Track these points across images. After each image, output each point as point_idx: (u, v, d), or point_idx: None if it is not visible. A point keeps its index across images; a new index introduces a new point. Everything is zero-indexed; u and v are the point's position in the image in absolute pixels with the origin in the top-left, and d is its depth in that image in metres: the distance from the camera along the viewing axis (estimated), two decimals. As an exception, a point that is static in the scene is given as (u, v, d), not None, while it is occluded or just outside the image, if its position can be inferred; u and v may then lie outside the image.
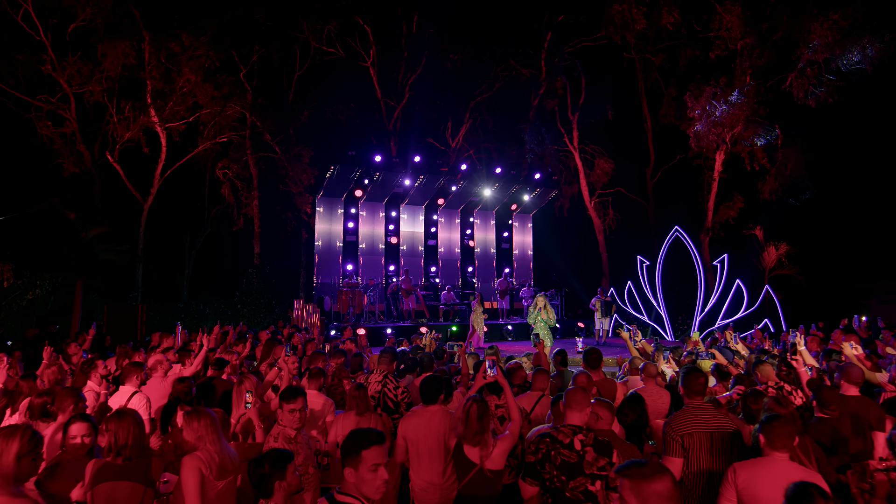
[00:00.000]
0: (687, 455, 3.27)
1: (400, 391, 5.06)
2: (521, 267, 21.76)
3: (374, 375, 5.18)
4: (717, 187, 21.44)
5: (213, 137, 21.67)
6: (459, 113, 24.33)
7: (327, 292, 17.19)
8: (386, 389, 5.06)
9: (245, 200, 23.10)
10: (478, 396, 3.37)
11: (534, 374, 4.79)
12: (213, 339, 7.58)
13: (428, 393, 3.91)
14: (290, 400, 3.65)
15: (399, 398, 5.03)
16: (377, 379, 5.14)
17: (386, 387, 5.08)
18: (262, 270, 22.18)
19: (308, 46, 23.07)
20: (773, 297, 13.97)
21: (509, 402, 3.57)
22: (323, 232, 18.36)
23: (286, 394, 3.69)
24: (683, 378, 3.53)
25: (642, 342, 6.68)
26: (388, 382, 5.10)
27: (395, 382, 5.12)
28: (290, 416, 3.62)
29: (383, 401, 5.01)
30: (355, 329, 11.49)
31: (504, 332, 17.01)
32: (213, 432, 3.04)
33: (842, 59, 15.56)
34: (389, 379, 5.12)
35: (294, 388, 3.78)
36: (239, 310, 21.49)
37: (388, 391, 5.05)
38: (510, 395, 3.61)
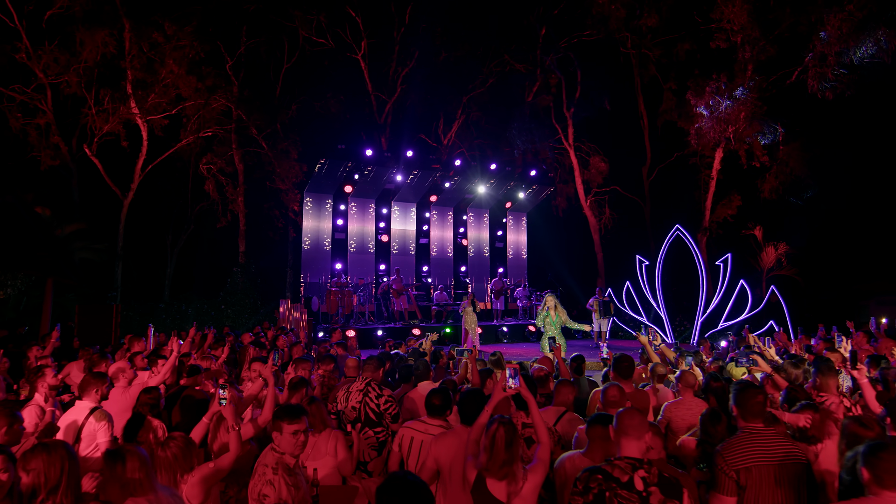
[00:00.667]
0: (742, 493, 2.68)
1: (383, 400, 4.40)
2: (515, 266, 21.19)
3: (357, 384, 4.52)
4: (715, 186, 21.04)
5: (196, 131, 20.84)
6: (452, 109, 23.71)
7: (315, 292, 16.49)
8: (367, 399, 4.40)
9: (230, 197, 22.29)
10: (504, 418, 2.75)
11: (556, 386, 4.17)
12: (189, 342, 6.90)
13: (469, 409, 3.27)
14: (292, 419, 3.00)
15: (382, 408, 4.37)
16: (359, 388, 4.49)
17: (367, 395, 4.42)
18: (247, 269, 21.43)
19: (297, 38, 22.34)
20: (780, 299, 13.50)
21: (537, 421, 2.95)
22: (311, 229, 17.66)
23: (288, 412, 3.05)
24: (738, 395, 2.91)
25: (662, 346, 6.10)
26: (369, 391, 4.44)
27: (378, 391, 4.46)
28: (293, 439, 2.96)
29: (364, 412, 4.35)
30: (344, 330, 10.82)
31: (499, 334, 16.44)
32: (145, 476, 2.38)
33: (855, 51, 15.14)
34: (372, 387, 4.45)
35: (294, 406, 3.15)
36: (223, 310, 20.71)
37: (369, 401, 4.40)
38: (537, 413, 3.00)
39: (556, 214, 23.08)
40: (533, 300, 18.36)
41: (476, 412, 3.25)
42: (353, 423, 4.23)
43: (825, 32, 15.25)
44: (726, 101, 16.63)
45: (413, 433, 3.57)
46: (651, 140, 23.02)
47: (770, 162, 18.72)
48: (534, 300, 18.36)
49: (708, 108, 17.02)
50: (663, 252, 16.34)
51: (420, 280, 19.00)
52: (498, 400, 3.06)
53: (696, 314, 15.46)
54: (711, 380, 4.75)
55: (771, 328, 13.59)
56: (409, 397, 4.86)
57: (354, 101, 22.94)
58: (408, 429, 3.63)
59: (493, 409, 3.03)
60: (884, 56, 14.96)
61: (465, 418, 3.30)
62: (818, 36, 15.66)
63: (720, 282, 14.87)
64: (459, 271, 20.33)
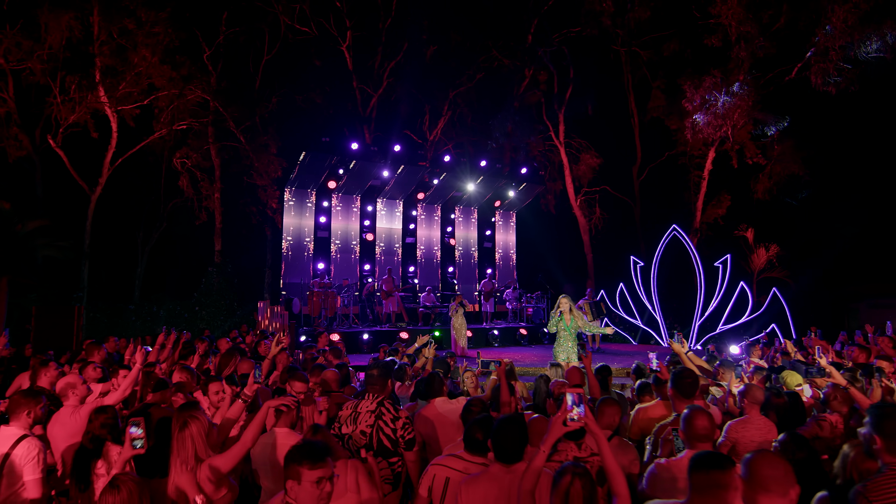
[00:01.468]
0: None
1: (400, 424, 3.61)
2: (503, 267, 20.54)
3: (366, 403, 3.75)
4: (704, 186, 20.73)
5: (170, 124, 19.79)
6: (438, 104, 23.01)
7: (296, 293, 15.59)
8: (381, 422, 3.63)
9: (206, 193, 21.27)
10: (579, 466, 2.05)
11: (598, 405, 3.47)
12: (157, 349, 6.05)
13: (510, 443, 2.55)
14: (314, 462, 2.09)
15: (398, 434, 3.60)
16: (369, 408, 3.71)
17: (381, 418, 3.64)
18: (223, 269, 20.44)
19: (278, 28, 21.44)
20: (782, 301, 13.08)
21: (612, 468, 2.24)
22: (292, 226, 16.75)
23: (308, 453, 2.13)
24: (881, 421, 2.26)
25: (690, 354, 5.46)
26: (383, 412, 3.67)
27: (394, 412, 3.66)
28: (315, 490, 2.08)
29: (377, 439, 3.58)
30: (329, 334, 10.00)
31: (489, 338, 15.73)
32: None
33: (860, 45, 14.86)
34: (386, 408, 3.68)
35: (315, 444, 2.19)
36: (197, 312, 19.72)
37: (383, 424, 3.62)
38: (609, 455, 2.29)
39: (546, 213, 22.52)
40: (523, 302, 17.74)
41: (518, 448, 2.54)
42: (362, 451, 3.47)
43: (829, 26, 14.93)
44: (724, 96, 16.24)
45: (448, 472, 2.83)
46: (641, 139, 22.63)
47: (764, 161, 18.42)
48: (524, 302, 17.75)
49: (706, 102, 16.60)
50: (659, 253, 15.86)
51: (406, 281, 18.23)
52: (557, 437, 2.35)
53: (694, 317, 14.98)
54: (773, 395, 4.12)
55: (773, 332, 13.19)
56: (422, 416, 4.11)
57: (338, 94, 22.11)
58: (440, 466, 2.88)
59: (549, 447, 2.32)
60: (888, 52, 14.70)
61: (503, 454, 2.59)
62: (820, 30, 15.33)
63: (719, 284, 14.41)
64: (447, 272, 19.60)
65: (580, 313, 7.47)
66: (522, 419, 2.72)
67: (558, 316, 7.32)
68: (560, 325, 7.28)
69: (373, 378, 3.81)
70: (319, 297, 14.50)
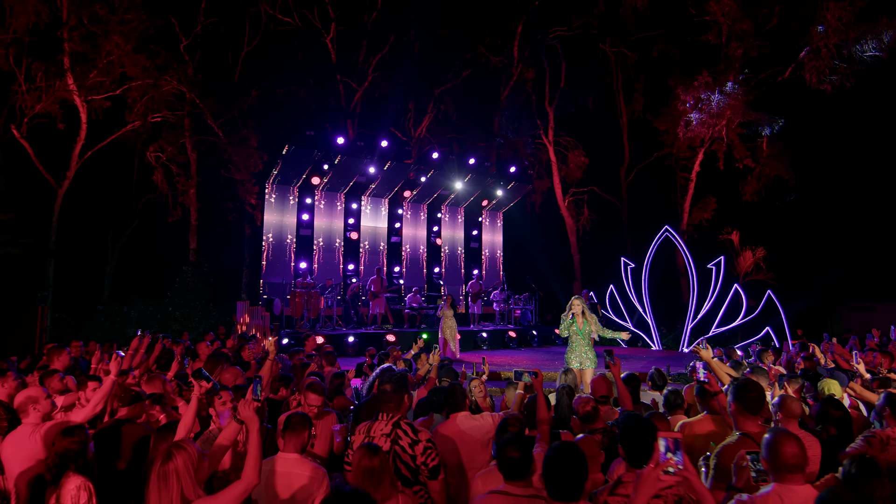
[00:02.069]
0: None
1: (421, 448, 3.11)
2: (490, 268, 20.14)
3: (380, 425, 3.25)
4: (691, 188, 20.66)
5: (144, 116, 18.86)
6: (423, 101, 22.52)
7: (277, 293, 14.93)
8: (398, 447, 3.13)
9: (181, 189, 20.36)
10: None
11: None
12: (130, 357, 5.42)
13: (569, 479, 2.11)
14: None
15: (420, 461, 3.10)
16: (384, 430, 3.21)
17: (398, 442, 3.15)
18: (198, 268, 19.61)
19: (259, 20, 20.67)
20: (777, 304, 12.91)
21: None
22: (273, 224, 16.06)
23: None
24: None
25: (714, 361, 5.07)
26: (400, 435, 3.17)
27: (413, 435, 3.17)
28: None
29: (395, 466, 3.08)
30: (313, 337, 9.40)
31: (478, 340, 15.28)
32: None
33: (855, 44, 14.82)
34: (403, 430, 3.18)
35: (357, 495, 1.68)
36: (170, 312, 18.87)
37: (401, 451, 3.12)
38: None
39: (533, 213, 22.19)
40: (511, 304, 17.36)
41: (579, 484, 2.09)
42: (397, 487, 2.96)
43: (822, 26, 14.87)
44: (717, 95, 16.10)
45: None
46: (630, 140, 22.47)
47: (753, 164, 18.38)
48: (511, 304, 17.37)
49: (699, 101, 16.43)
50: (650, 254, 15.62)
51: (392, 281, 17.67)
52: (650, 496, 1.90)
53: (686, 319, 14.76)
54: (831, 407, 3.73)
55: (768, 335, 13.04)
56: (441, 435, 3.61)
57: (320, 88, 21.43)
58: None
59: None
60: (884, 52, 14.69)
61: (559, 491, 2.11)
62: (814, 28, 15.26)
63: (712, 286, 14.20)
64: (433, 272, 19.10)
65: (594, 316, 7.05)
66: (579, 448, 2.26)
67: (570, 319, 6.89)
68: (572, 328, 6.85)
69: (386, 395, 3.29)
70: (302, 298, 13.85)
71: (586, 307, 7.03)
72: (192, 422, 3.24)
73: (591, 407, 3.56)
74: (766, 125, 17.17)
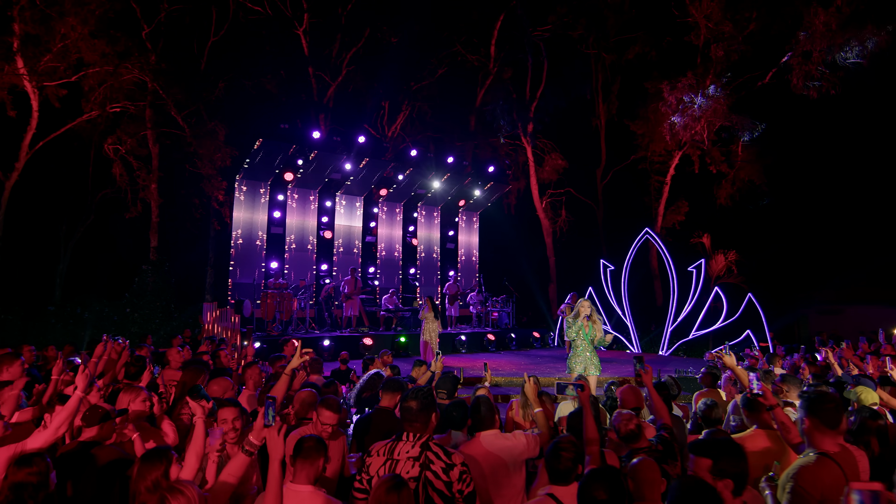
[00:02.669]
0: None
1: (456, 473, 2.66)
2: (466, 269, 19.76)
3: (405, 446, 2.79)
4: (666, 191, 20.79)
5: (102, 105, 17.76)
6: (398, 99, 22.00)
7: (247, 294, 14.19)
8: (431, 473, 2.68)
9: (141, 183, 19.26)
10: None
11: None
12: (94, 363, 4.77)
13: None
14: None
15: (456, 489, 2.65)
16: (410, 454, 2.75)
17: (431, 467, 2.70)
18: (159, 267, 18.52)
19: (227, 8, 19.78)
20: (757, 307, 12.95)
21: None
22: (243, 222, 15.29)
23: None
24: None
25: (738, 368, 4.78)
26: (431, 459, 2.72)
27: (448, 458, 2.71)
28: None
29: (425, 496, 2.62)
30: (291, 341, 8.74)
31: (457, 344, 14.87)
32: None
33: (840, 50, 15.03)
34: (436, 453, 2.73)
35: None
36: (128, 314, 17.74)
37: (433, 477, 2.67)
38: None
39: (509, 214, 21.93)
40: (488, 306, 17.03)
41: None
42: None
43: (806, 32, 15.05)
44: (700, 98, 16.15)
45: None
46: (607, 142, 22.47)
47: (727, 168, 18.58)
48: (489, 306, 17.05)
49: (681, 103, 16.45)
50: (630, 257, 15.53)
51: (367, 283, 17.10)
52: None
53: (666, 322, 14.70)
54: (869, 418, 3.44)
55: (748, 338, 13.06)
56: (466, 457, 3.15)
57: (292, 81, 20.65)
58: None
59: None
60: (866, 59, 14.94)
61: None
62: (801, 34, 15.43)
63: (692, 289, 14.18)
64: (408, 273, 18.60)
65: (600, 320, 6.69)
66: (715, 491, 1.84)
67: (578, 323, 6.51)
68: (580, 333, 6.48)
69: (411, 412, 2.83)
70: (274, 300, 13.18)
71: (594, 311, 6.68)
72: (200, 456, 2.69)
73: (634, 425, 3.17)
74: (747, 130, 17.36)
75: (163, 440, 3.85)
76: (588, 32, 20.01)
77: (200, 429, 2.76)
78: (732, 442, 2.48)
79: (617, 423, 3.27)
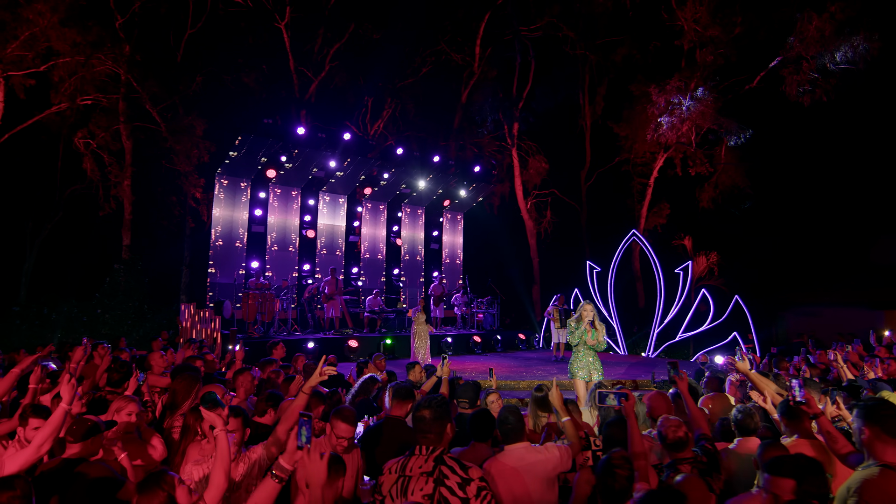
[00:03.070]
0: None
1: (474, 489, 2.40)
2: (450, 270, 19.51)
3: (417, 461, 2.52)
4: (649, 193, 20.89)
5: (73, 97, 17.03)
6: (381, 97, 21.65)
7: (226, 295, 13.69)
8: (445, 490, 2.41)
9: (114, 179, 18.53)
10: None
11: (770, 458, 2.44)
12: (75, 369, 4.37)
13: None
14: None
15: None
16: (423, 469, 2.48)
17: (445, 483, 2.43)
18: (132, 266, 17.84)
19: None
20: (744, 309, 13.00)
21: None
22: (223, 220, 14.77)
23: None
24: None
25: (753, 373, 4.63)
26: (446, 474, 2.45)
27: (464, 472, 2.46)
28: None
29: None
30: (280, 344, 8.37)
31: (443, 346, 14.59)
32: None
33: (833, 55, 15.14)
34: (450, 466, 2.47)
35: None
36: (99, 315, 17.04)
37: (449, 494, 2.40)
38: None
39: (494, 215, 21.75)
40: (473, 308, 16.82)
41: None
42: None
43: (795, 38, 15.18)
44: (688, 100, 16.20)
45: None
46: (592, 143, 22.47)
47: (710, 170, 18.73)
48: (474, 308, 16.84)
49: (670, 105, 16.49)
50: (616, 258, 15.50)
51: (350, 283, 16.73)
52: None
53: (653, 324, 14.69)
54: None
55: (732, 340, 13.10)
56: (491, 473, 2.90)
57: (272, 77, 20.13)
58: None
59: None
60: (859, 62, 15.10)
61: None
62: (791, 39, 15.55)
63: (679, 291, 14.19)
64: (392, 274, 18.27)
65: (603, 325, 6.52)
66: None
67: (581, 327, 6.31)
68: (584, 338, 6.28)
69: (424, 423, 2.56)
70: (256, 300, 12.73)
71: (597, 315, 6.49)
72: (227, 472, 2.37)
73: (683, 433, 2.96)
74: (734, 134, 17.49)
75: (151, 457, 3.52)
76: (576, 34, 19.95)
77: (224, 443, 2.45)
78: (814, 460, 2.29)
79: (664, 429, 3.04)
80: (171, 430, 4.03)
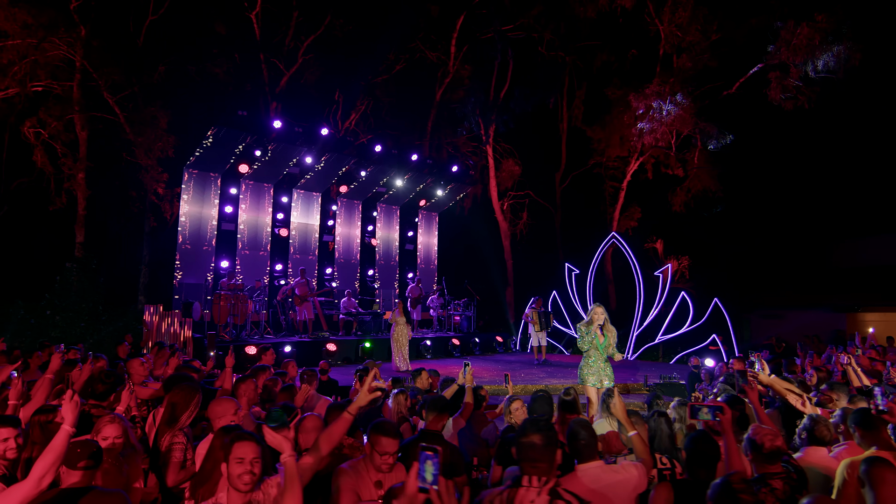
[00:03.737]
0: None
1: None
2: (425, 271, 19.13)
3: (527, 495, 2.09)
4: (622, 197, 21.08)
5: (22, 82, 15.84)
6: (354, 93, 21.09)
7: (195, 296, 12.91)
8: None
9: (67, 172, 17.34)
10: None
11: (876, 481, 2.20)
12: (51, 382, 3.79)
13: None
14: None
15: None
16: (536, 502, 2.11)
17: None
18: (85, 266, 16.68)
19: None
20: (724, 312, 13.13)
21: None
22: (191, 216, 13.96)
23: None
24: None
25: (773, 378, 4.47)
26: None
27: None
28: None
29: None
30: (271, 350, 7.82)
31: (422, 349, 14.21)
32: None
33: (816, 63, 15.45)
34: (568, 501, 2.13)
35: None
36: (49, 317, 15.84)
37: None
38: None
39: (470, 216, 21.50)
40: (450, 310, 16.50)
41: None
42: None
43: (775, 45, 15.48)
44: (668, 105, 16.34)
45: None
46: (567, 147, 22.50)
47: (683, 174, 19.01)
48: (451, 310, 16.52)
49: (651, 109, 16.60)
50: (595, 261, 15.48)
51: (323, 284, 16.13)
52: None
53: (632, 327, 14.69)
54: None
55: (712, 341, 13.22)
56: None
57: (241, 68, 19.29)
58: None
59: None
60: (839, 71, 15.47)
61: None
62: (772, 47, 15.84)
63: (658, 294, 14.25)
64: (366, 275, 17.75)
65: (613, 329, 6.27)
66: None
67: (593, 333, 6.04)
68: (594, 342, 6.01)
69: (535, 450, 2.20)
70: (228, 302, 12.01)
71: (608, 319, 6.25)
72: None
73: (781, 441, 2.69)
74: (714, 138, 17.77)
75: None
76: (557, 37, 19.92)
77: (294, 473, 2.03)
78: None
79: (759, 437, 2.76)
80: (172, 448, 3.53)
